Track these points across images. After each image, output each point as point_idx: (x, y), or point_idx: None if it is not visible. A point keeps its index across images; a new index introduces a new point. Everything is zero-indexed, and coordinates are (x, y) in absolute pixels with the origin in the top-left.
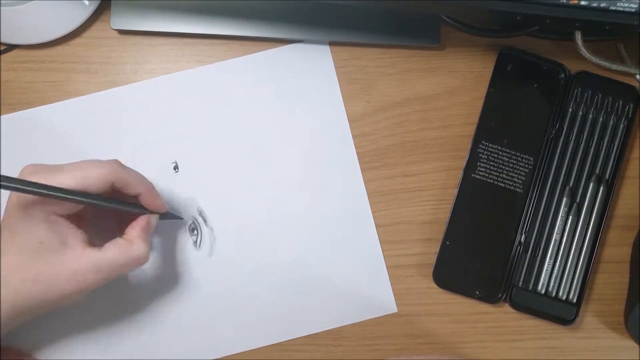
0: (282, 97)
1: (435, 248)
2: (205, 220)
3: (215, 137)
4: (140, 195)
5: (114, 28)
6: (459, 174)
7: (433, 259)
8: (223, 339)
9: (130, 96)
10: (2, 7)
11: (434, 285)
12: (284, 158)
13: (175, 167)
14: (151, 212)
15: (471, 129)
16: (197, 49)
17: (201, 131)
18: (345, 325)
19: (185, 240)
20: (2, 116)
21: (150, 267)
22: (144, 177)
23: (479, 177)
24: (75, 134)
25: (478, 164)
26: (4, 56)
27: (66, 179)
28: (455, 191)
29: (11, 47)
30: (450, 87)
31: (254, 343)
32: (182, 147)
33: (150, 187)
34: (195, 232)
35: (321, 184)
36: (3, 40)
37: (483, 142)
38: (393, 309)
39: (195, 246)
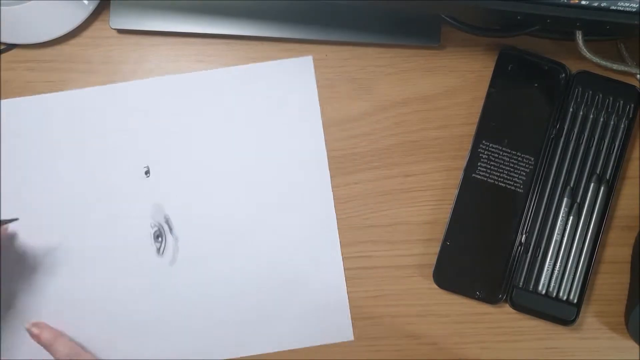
0: (257, 109)
1: (436, 248)
2: (170, 229)
3: (188, 145)
4: None
5: (114, 28)
6: (459, 174)
7: (433, 259)
8: (178, 347)
9: (109, 97)
10: (2, 7)
11: (434, 285)
12: (254, 167)
13: (147, 172)
14: None
15: (471, 129)
16: (197, 48)
17: (175, 138)
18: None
19: (149, 247)
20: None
21: (110, 271)
22: None
23: (479, 177)
24: (51, 129)
25: (478, 164)
26: (3, 56)
27: None
28: (456, 191)
29: (11, 46)
30: (450, 87)
31: (208, 354)
32: (154, 152)
33: None
34: (160, 239)
35: (291, 191)
36: (3, 40)
37: (483, 142)
38: (349, 336)
39: (158, 253)
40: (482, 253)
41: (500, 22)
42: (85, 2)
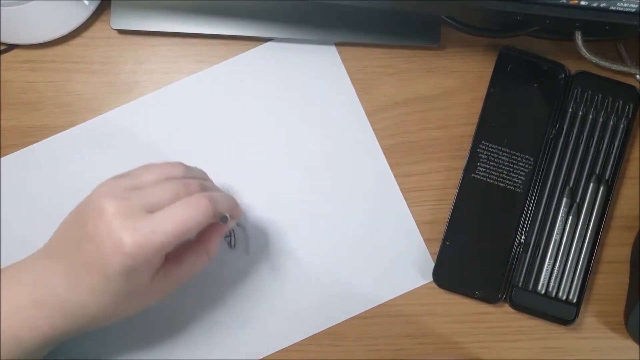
0: (293, 92)
1: (435, 248)
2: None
3: (228, 139)
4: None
5: (114, 28)
6: (459, 174)
7: (433, 259)
8: (270, 336)
9: (138, 112)
10: (2, 7)
11: (434, 285)
12: (301, 151)
13: None
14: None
15: (471, 129)
16: (197, 49)
17: (212, 135)
18: (345, 326)
19: (220, 245)
20: (32, 146)
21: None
22: (227, 195)
23: (479, 177)
24: (90, 157)
25: (478, 164)
26: (4, 56)
27: (167, 227)
28: (455, 191)
29: (11, 47)
30: (450, 87)
31: (304, 334)
32: (195, 155)
33: (234, 204)
34: (228, 233)
35: (340, 166)
36: (3, 40)
37: (483, 142)
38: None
39: (231, 247)
40: (481, 253)
41: (500, 23)
42: (86, 2)
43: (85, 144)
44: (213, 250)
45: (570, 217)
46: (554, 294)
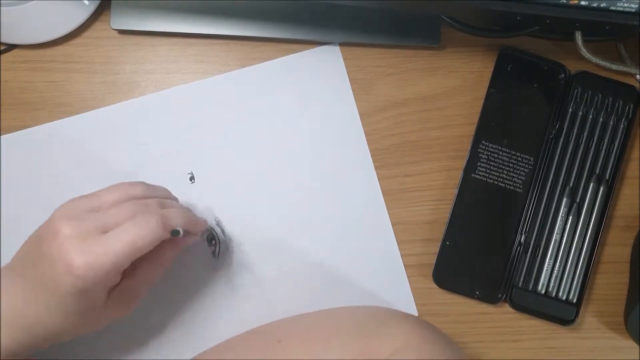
0: (294, 104)
1: (435, 248)
2: (222, 230)
3: (230, 146)
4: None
5: (114, 28)
6: (459, 174)
7: (433, 259)
8: None
9: (145, 108)
10: (2, 7)
11: (434, 285)
12: (299, 165)
13: (192, 178)
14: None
15: (471, 129)
16: (197, 49)
17: (216, 141)
18: None
19: (204, 251)
20: (19, 132)
21: (169, 277)
22: (185, 211)
23: (479, 177)
24: (91, 147)
25: (478, 164)
26: (4, 56)
27: (117, 246)
28: (455, 191)
29: (11, 47)
30: (450, 87)
31: None
32: (197, 157)
33: (192, 219)
34: (214, 242)
35: (338, 187)
36: (3, 40)
37: (483, 142)
38: (413, 312)
39: (214, 256)
40: (481, 253)
41: (500, 23)
42: (86, 2)
43: (78, 135)
44: (167, 262)
45: (570, 217)
46: (554, 294)
